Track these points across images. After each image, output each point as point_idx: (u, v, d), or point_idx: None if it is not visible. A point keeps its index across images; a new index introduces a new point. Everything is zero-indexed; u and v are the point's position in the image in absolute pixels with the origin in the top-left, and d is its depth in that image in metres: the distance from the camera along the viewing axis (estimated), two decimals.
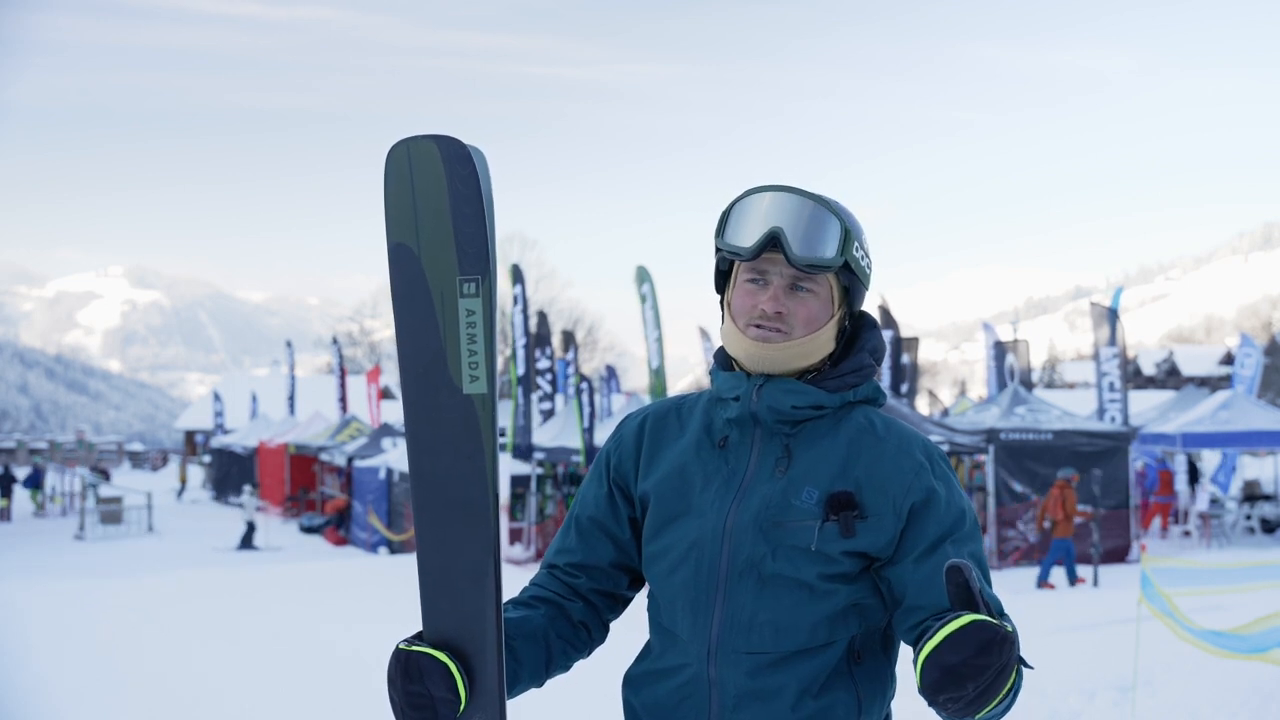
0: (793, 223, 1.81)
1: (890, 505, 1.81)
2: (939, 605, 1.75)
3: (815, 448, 1.85)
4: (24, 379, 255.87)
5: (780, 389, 1.86)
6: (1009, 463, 16.86)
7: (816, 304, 1.87)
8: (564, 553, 2.03)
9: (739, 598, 1.80)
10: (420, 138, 1.73)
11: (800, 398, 1.86)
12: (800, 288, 1.86)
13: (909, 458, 1.85)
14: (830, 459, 1.84)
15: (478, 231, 1.72)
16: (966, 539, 1.82)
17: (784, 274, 1.85)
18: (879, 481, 1.82)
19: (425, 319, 1.75)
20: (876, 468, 1.83)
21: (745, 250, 1.83)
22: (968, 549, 1.81)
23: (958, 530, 1.82)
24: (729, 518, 1.83)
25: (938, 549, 1.80)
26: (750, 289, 1.87)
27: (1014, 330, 27.67)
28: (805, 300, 1.86)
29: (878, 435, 1.88)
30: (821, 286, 1.87)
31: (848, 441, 1.86)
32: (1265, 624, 6.42)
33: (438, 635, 1.78)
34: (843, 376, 1.91)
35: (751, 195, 1.87)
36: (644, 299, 18.18)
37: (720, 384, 1.93)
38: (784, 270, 1.85)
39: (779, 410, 1.85)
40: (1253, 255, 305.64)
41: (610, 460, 2.02)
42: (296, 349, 42.58)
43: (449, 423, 1.76)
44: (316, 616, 12.22)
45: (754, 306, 1.86)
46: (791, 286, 1.85)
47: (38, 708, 8.38)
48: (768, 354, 1.86)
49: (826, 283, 1.87)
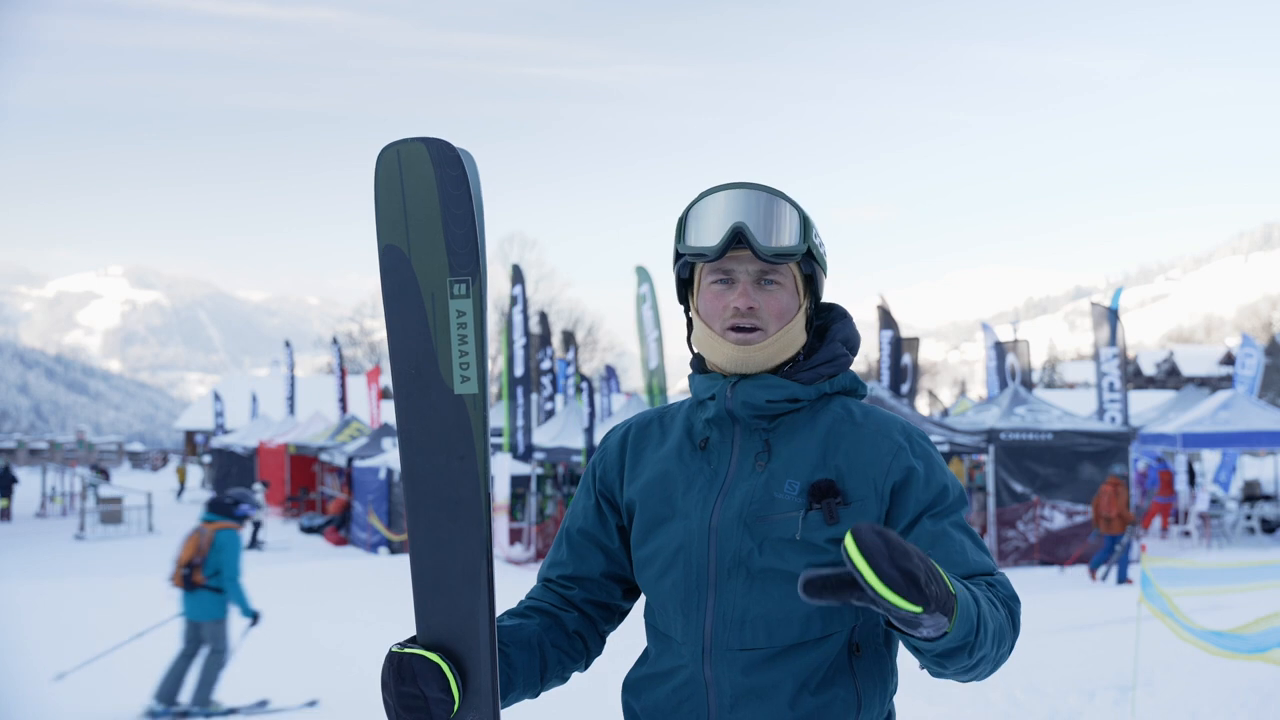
0: (753, 216, 1.82)
1: (872, 489, 1.82)
2: None
3: (794, 440, 1.86)
4: (24, 379, 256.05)
5: (754, 384, 1.86)
6: (1009, 463, 16.86)
7: (785, 295, 1.88)
8: (556, 565, 2.04)
9: (729, 595, 1.81)
10: (410, 140, 1.74)
11: (775, 391, 1.86)
12: (767, 281, 1.87)
13: (887, 439, 1.85)
14: (809, 450, 1.84)
15: (468, 233, 1.72)
16: (948, 511, 1.82)
17: (749, 270, 1.86)
18: (859, 467, 1.82)
19: (416, 320, 1.76)
20: (856, 454, 1.83)
21: (711, 249, 1.83)
22: (949, 520, 1.81)
23: (939, 504, 1.82)
24: (713, 516, 1.83)
25: (918, 523, 1.80)
26: (718, 290, 1.88)
27: (1014, 330, 27.58)
28: (774, 294, 1.87)
29: (855, 422, 1.88)
30: (786, 278, 1.88)
31: (826, 431, 1.86)
32: (1265, 624, 6.42)
33: (431, 636, 1.79)
34: (816, 368, 1.91)
35: (706, 197, 1.87)
36: (643, 299, 18.18)
37: (696, 387, 1.95)
38: (749, 266, 1.85)
39: (754, 405, 1.86)
40: (1253, 255, 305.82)
41: (596, 472, 2.04)
42: (296, 349, 42.58)
43: (441, 423, 1.77)
44: (316, 616, 12.23)
45: (725, 306, 1.87)
46: (758, 281, 1.86)
47: (37, 707, 8.38)
48: (749, 355, 1.87)
49: (790, 273, 1.88)
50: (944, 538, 1.78)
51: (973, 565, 1.77)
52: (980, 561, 1.78)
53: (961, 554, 1.77)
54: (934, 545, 1.77)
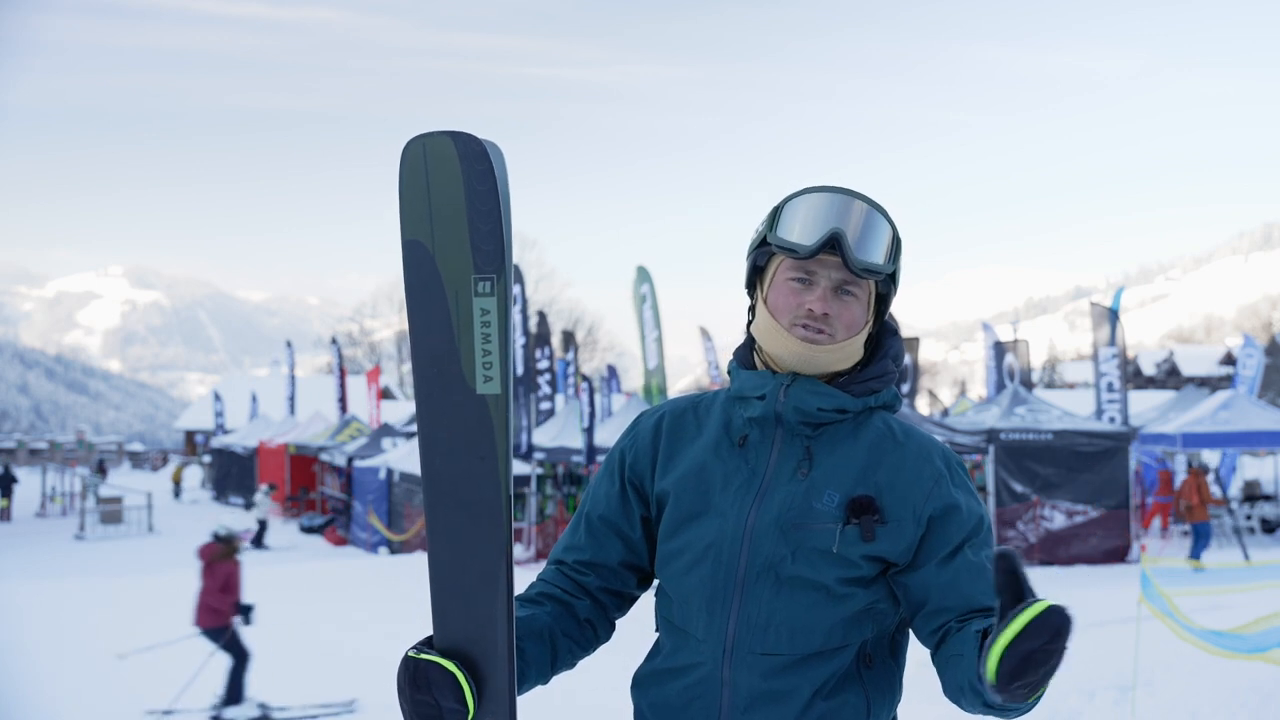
0: (852, 225, 1.82)
1: (910, 512, 1.83)
2: (963, 607, 1.79)
3: (836, 451, 1.86)
4: (24, 379, 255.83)
5: (807, 389, 1.85)
6: (1009, 463, 16.87)
7: (858, 308, 1.87)
8: (573, 550, 2.01)
9: (756, 598, 1.80)
10: (436, 134, 1.69)
11: (826, 400, 1.85)
12: (846, 291, 1.86)
13: (929, 465, 1.86)
14: (851, 463, 1.84)
15: (494, 229, 1.69)
16: (983, 543, 1.86)
17: (832, 276, 1.85)
18: (899, 488, 1.83)
19: (439, 317, 1.72)
20: (897, 474, 1.84)
21: (803, 248, 1.82)
22: (984, 553, 1.85)
23: (976, 535, 1.85)
24: (749, 518, 1.82)
25: (959, 553, 1.83)
26: (795, 288, 1.86)
27: (1014, 330, 27.64)
28: (849, 304, 1.86)
29: (897, 441, 1.88)
30: (863, 292, 1.88)
31: (868, 447, 1.86)
32: (1265, 624, 6.44)
33: (448, 639, 1.76)
34: (867, 382, 1.91)
35: (808, 194, 1.86)
36: (643, 299, 18.20)
37: (743, 382, 1.92)
38: (832, 273, 1.84)
39: (804, 411, 1.85)
40: (1253, 255, 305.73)
41: (625, 458, 1.99)
42: (296, 349, 42.54)
43: (462, 423, 1.73)
44: (316, 616, 12.24)
45: (799, 305, 1.85)
46: (837, 289, 1.85)
47: (38, 707, 8.40)
48: (813, 355, 1.86)
49: (868, 288, 1.88)
50: (985, 570, 1.82)
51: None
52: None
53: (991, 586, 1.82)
54: (977, 577, 1.81)
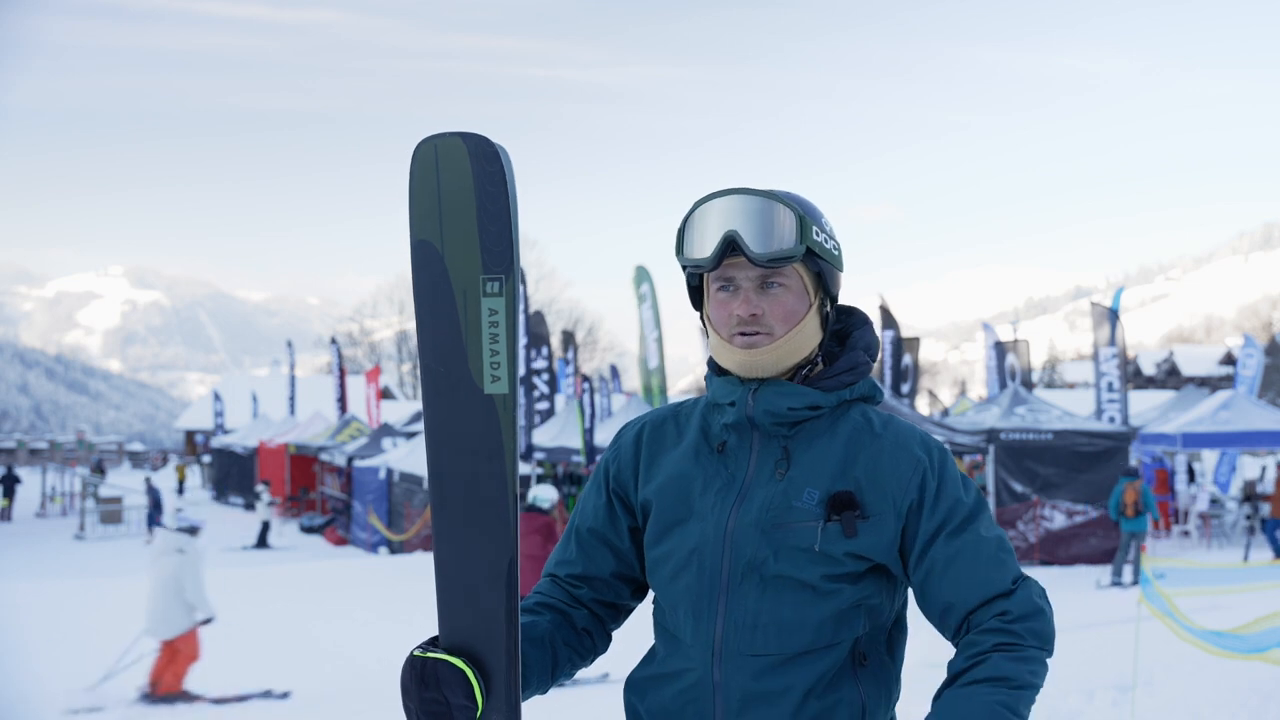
0: (745, 222, 1.80)
1: (890, 504, 1.82)
2: (966, 601, 1.78)
3: (813, 448, 1.85)
4: (24, 379, 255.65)
5: (775, 392, 1.85)
6: (1009, 463, 16.88)
7: (790, 298, 1.85)
8: (565, 564, 2.03)
9: (742, 600, 1.81)
10: (447, 135, 1.71)
11: (796, 399, 1.85)
12: (770, 285, 1.84)
13: (907, 453, 1.84)
14: (829, 459, 1.84)
15: (503, 230, 1.70)
16: (961, 528, 1.82)
17: (750, 276, 1.84)
18: (878, 480, 1.82)
19: (447, 317, 1.73)
20: (876, 466, 1.83)
21: (706, 260, 1.82)
22: (963, 535, 1.81)
23: (949, 522, 1.82)
24: (730, 520, 1.83)
25: (930, 549, 1.81)
26: (722, 298, 1.87)
27: (1014, 330, 27.63)
28: (778, 296, 1.84)
29: (875, 433, 1.87)
30: (791, 279, 1.85)
31: (845, 441, 1.86)
32: (1265, 624, 6.44)
33: (454, 639, 1.76)
34: (838, 375, 1.90)
35: (699, 206, 1.85)
36: (643, 299, 18.20)
37: (715, 390, 1.93)
38: (748, 272, 1.83)
39: (775, 413, 1.85)
40: (1253, 255, 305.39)
41: (609, 470, 2.01)
42: (296, 349, 42.56)
43: (469, 423, 1.75)
44: (316, 616, 12.24)
45: (730, 314, 1.86)
46: (761, 286, 1.84)
47: (37, 707, 8.40)
48: (758, 358, 1.85)
49: (795, 274, 1.86)
50: (955, 561, 1.79)
51: (986, 589, 1.78)
52: (993, 581, 1.79)
53: (972, 576, 1.78)
54: (945, 572, 1.79)
